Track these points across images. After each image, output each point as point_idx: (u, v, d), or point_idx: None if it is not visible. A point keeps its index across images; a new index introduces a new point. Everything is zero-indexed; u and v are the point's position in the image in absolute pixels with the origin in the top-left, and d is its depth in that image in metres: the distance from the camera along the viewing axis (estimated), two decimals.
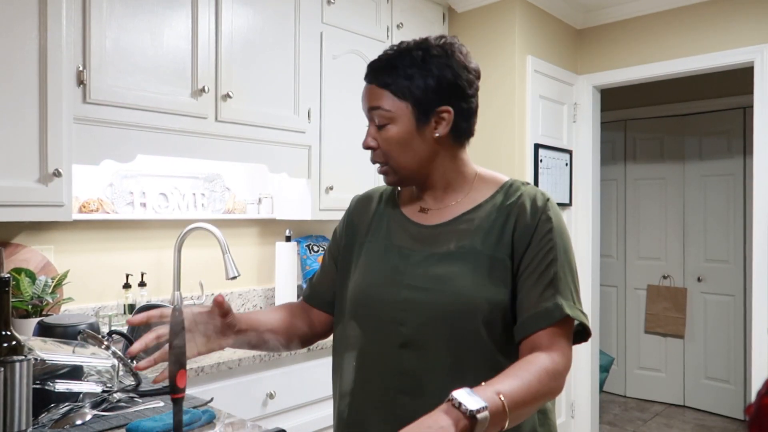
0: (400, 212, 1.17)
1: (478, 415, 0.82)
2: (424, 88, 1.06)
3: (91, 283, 2.18)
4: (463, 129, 1.12)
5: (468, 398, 0.83)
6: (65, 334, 1.49)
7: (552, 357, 0.98)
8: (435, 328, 1.03)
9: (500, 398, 0.86)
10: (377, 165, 1.13)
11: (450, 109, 1.08)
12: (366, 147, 1.12)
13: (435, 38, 1.11)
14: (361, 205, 1.25)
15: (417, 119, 1.07)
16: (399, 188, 1.22)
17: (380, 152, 1.10)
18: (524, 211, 1.07)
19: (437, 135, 1.09)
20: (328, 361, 2.12)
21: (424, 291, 1.05)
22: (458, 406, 0.82)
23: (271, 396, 1.94)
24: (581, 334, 1.08)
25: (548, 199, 1.09)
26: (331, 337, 1.26)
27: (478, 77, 1.13)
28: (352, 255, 1.19)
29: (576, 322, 1.05)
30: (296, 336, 1.20)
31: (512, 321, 1.04)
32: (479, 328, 1.02)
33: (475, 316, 1.02)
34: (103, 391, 1.33)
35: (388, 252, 1.13)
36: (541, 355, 0.98)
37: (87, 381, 1.36)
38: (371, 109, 1.10)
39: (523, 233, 1.05)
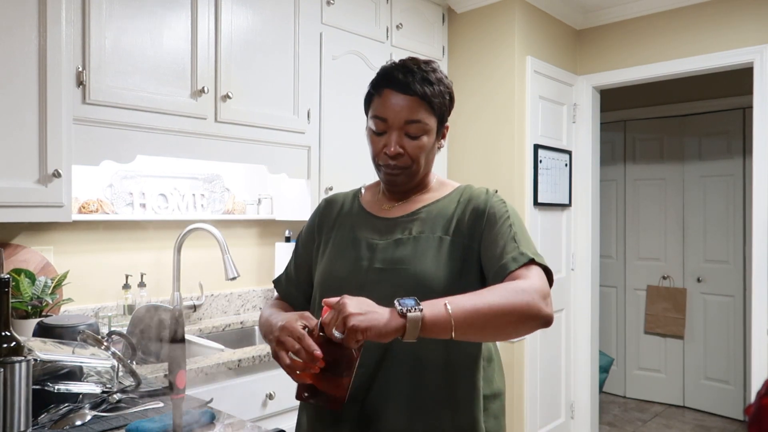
0: (364, 211, 1.28)
1: (409, 314, 0.92)
2: (447, 106, 1.20)
3: (91, 283, 2.18)
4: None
5: (408, 301, 0.94)
6: (65, 334, 1.49)
7: (518, 281, 1.05)
8: None
9: (445, 305, 0.95)
10: (388, 167, 1.19)
11: (448, 125, 1.24)
12: (394, 154, 1.17)
13: (427, 60, 1.21)
14: (328, 207, 1.34)
15: (437, 132, 1.20)
16: (362, 191, 1.34)
17: (407, 157, 1.18)
18: (476, 200, 1.20)
19: (442, 146, 1.24)
20: None
21: (389, 272, 1.15)
22: (398, 305, 0.93)
23: (270, 396, 1.94)
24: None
25: (496, 191, 1.24)
26: None
27: None
28: (320, 250, 1.29)
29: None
30: None
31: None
32: None
33: (433, 291, 1.08)
34: (103, 392, 1.33)
35: (354, 243, 1.23)
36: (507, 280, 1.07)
37: (86, 382, 1.36)
38: (409, 122, 1.15)
39: (478, 216, 1.18)
